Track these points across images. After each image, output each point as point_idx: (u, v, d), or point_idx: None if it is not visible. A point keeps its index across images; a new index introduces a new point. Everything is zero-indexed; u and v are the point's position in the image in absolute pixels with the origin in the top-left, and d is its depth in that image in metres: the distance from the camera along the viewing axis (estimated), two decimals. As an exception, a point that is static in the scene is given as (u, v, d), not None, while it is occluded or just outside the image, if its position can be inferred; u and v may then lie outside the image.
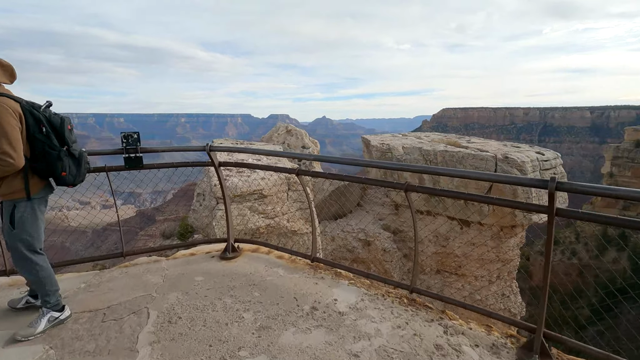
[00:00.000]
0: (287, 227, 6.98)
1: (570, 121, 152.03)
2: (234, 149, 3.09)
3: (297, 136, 17.76)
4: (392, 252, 11.95)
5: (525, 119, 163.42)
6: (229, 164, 3.32)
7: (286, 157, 2.80)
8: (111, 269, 3.26)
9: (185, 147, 2.96)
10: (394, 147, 11.99)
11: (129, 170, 2.93)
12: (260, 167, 2.95)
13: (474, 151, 10.62)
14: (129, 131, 2.89)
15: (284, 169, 2.97)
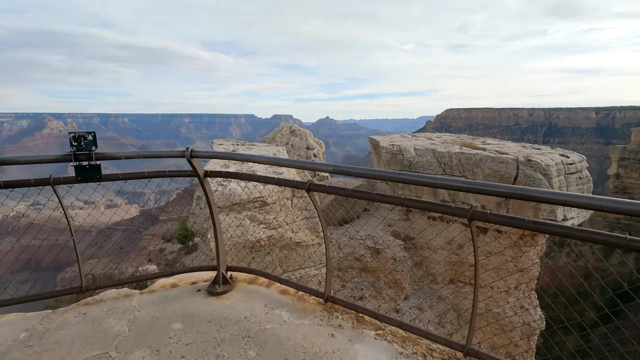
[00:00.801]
0: (291, 238, 6.25)
1: (576, 122, 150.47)
2: (222, 154, 2.35)
3: (302, 137, 17.02)
4: (403, 261, 11.18)
5: (530, 119, 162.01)
6: (217, 174, 2.62)
7: (291, 166, 2.12)
8: (67, 308, 2.52)
9: (162, 153, 2.25)
10: (405, 148, 11.22)
11: (83, 182, 2.23)
12: (258, 179, 2.22)
13: (492, 153, 9.83)
14: (83, 131, 2.20)
15: (291, 182, 2.23)
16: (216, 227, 2.55)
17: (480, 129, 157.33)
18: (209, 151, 2.25)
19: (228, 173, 2.36)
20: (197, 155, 2.41)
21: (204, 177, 2.55)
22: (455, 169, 10.32)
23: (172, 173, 2.46)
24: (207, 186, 2.60)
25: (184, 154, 2.37)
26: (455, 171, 10.33)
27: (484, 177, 9.80)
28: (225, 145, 10.55)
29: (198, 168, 2.34)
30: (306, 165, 1.86)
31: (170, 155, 2.30)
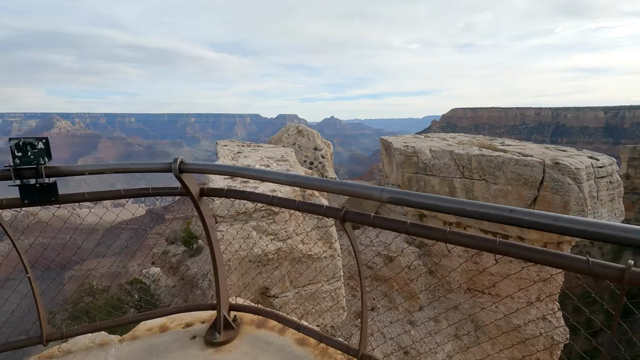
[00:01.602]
0: (302, 250, 5.65)
1: (584, 121, 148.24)
2: (221, 168, 1.72)
3: (309, 137, 16.41)
4: (418, 269, 10.53)
5: (537, 119, 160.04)
6: (216, 193, 1.90)
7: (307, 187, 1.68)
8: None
9: (141, 166, 1.67)
10: (420, 150, 10.57)
11: (30, 206, 1.65)
12: (271, 200, 1.65)
13: (516, 156, 9.16)
14: (30, 136, 1.63)
15: (318, 208, 1.63)
16: (216, 259, 1.96)
17: (487, 128, 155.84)
18: (203, 164, 1.68)
19: (232, 192, 1.78)
20: (188, 169, 1.75)
21: (199, 197, 1.91)
22: (474, 172, 9.67)
23: (156, 191, 1.88)
24: (204, 208, 1.93)
25: (171, 167, 1.73)
26: (475, 174, 9.67)
27: (506, 181, 9.14)
28: (230, 147, 9.99)
29: (190, 185, 1.76)
30: (322, 185, 1.36)
31: (152, 170, 1.71)
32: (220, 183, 6.00)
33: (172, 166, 1.67)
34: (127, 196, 1.77)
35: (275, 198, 1.67)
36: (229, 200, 5.32)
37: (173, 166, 1.67)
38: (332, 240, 6.03)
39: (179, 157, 1.70)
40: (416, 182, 10.76)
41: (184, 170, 1.69)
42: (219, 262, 2.06)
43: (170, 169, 1.67)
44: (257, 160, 7.89)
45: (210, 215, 1.99)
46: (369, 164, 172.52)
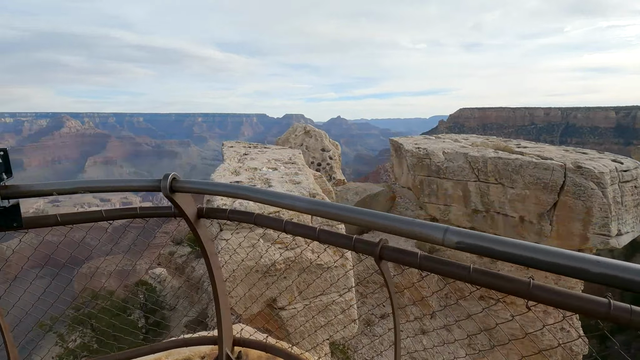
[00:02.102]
0: (311, 260, 5.34)
1: (594, 121, 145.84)
2: (213, 188, 1.37)
3: (317, 137, 16.09)
4: (431, 276, 10.15)
5: (546, 119, 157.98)
6: (217, 214, 1.63)
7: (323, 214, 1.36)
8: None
9: (126, 184, 1.35)
10: (433, 152, 10.18)
11: None
12: (285, 226, 1.34)
13: (535, 159, 8.74)
14: None
15: (345, 240, 1.34)
16: (217, 287, 1.65)
17: (495, 128, 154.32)
18: (200, 183, 1.36)
19: (236, 214, 1.46)
20: (182, 188, 1.42)
21: (197, 219, 1.57)
22: (490, 175, 9.26)
23: (145, 212, 1.56)
24: (202, 231, 1.60)
25: (159, 186, 1.40)
26: (491, 177, 9.27)
27: (524, 185, 8.73)
28: (237, 148, 9.71)
29: (185, 205, 1.46)
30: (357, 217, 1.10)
31: (136, 188, 1.40)
32: (226, 187, 5.72)
33: (162, 184, 1.34)
34: (108, 218, 1.47)
35: (290, 224, 1.36)
36: (236, 204, 5.01)
37: (163, 185, 1.34)
38: (343, 250, 5.70)
39: (169, 173, 1.38)
40: (428, 185, 10.38)
41: (176, 190, 1.37)
42: (221, 292, 1.76)
43: (159, 188, 1.35)
44: (264, 163, 7.61)
45: (209, 240, 1.68)
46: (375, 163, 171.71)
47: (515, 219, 9.23)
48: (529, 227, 9.11)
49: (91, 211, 1.52)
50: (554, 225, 8.70)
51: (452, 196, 10.04)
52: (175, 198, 1.40)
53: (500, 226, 9.57)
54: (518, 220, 9.22)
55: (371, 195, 11.59)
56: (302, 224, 1.50)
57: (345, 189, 12.04)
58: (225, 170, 6.85)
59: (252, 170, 6.93)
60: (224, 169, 6.93)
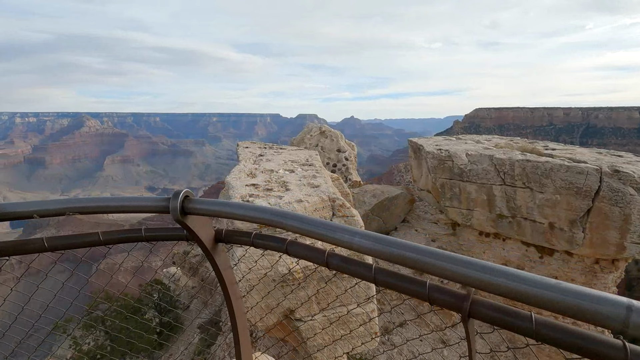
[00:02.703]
0: (330, 268, 5.04)
1: (617, 122, 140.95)
2: (233, 211, 1.08)
3: (332, 138, 15.79)
4: (452, 283, 9.71)
5: (566, 119, 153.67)
6: (237, 239, 1.30)
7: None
8: None
9: (125, 203, 1.07)
10: (456, 154, 9.73)
11: None
12: (328, 262, 1.10)
13: (567, 162, 8.21)
14: None
15: (415, 287, 1.08)
16: (237, 321, 1.37)
17: (512, 129, 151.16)
18: (218, 203, 1.07)
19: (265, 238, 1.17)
20: (197, 210, 1.13)
21: (214, 244, 1.28)
22: (517, 179, 8.77)
23: (152, 235, 1.27)
24: (220, 258, 1.30)
25: (168, 207, 1.11)
26: (518, 181, 8.78)
27: (555, 189, 8.21)
28: (252, 149, 9.49)
29: (200, 229, 1.16)
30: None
31: (136, 209, 1.11)
32: (241, 190, 5.47)
33: (171, 205, 1.04)
34: (107, 242, 1.20)
35: (336, 258, 1.06)
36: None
37: (172, 205, 1.04)
38: (364, 256, 5.38)
39: (181, 190, 1.09)
40: (450, 189, 9.94)
41: (190, 212, 1.08)
42: (241, 326, 1.47)
43: (168, 209, 1.07)
44: (281, 165, 7.35)
45: (229, 267, 1.39)
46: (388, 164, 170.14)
47: (544, 225, 8.71)
48: (559, 234, 8.58)
49: (85, 234, 1.26)
50: (587, 232, 8.15)
51: (475, 200, 9.57)
52: (188, 222, 1.11)
53: (528, 233, 9.06)
54: (547, 227, 8.70)
55: (389, 198, 11.21)
56: (355, 259, 1.21)
57: (362, 191, 11.70)
58: (241, 172, 6.61)
59: (268, 172, 6.67)
60: (239, 171, 6.70)
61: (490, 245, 10.13)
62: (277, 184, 5.81)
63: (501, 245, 9.94)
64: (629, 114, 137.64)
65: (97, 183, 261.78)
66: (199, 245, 1.24)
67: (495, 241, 10.01)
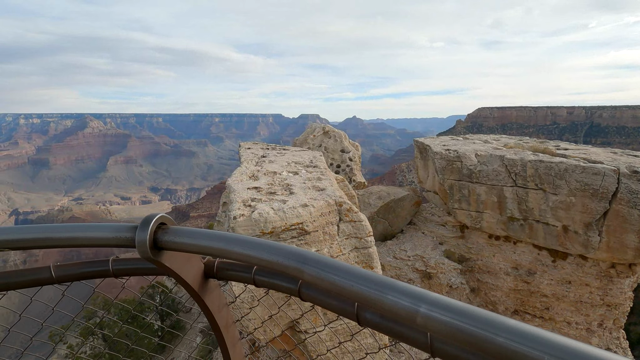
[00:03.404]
0: (338, 277, 4.75)
1: (621, 121, 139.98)
2: (227, 248, 0.83)
3: (336, 138, 15.49)
4: (461, 289, 9.39)
5: (569, 118, 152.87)
6: (236, 275, 0.95)
7: None
8: None
9: (73, 234, 0.81)
10: (465, 154, 9.41)
11: None
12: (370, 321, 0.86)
13: (582, 162, 7.87)
14: None
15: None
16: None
17: (515, 128, 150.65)
18: (209, 235, 0.79)
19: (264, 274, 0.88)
20: (175, 245, 0.80)
21: (203, 282, 0.98)
22: (529, 180, 8.44)
23: (121, 269, 0.96)
24: (212, 298, 1.01)
25: (134, 239, 0.80)
26: (530, 183, 8.45)
27: (569, 191, 7.88)
28: (254, 150, 9.21)
29: (182, 265, 0.87)
30: None
31: (85, 243, 0.81)
32: (243, 194, 5.19)
33: (138, 239, 0.74)
34: (61, 279, 0.91)
35: (368, 312, 0.77)
36: (255, 216, 4.43)
37: (140, 239, 0.75)
38: (372, 264, 5.09)
39: (154, 215, 0.77)
40: (459, 190, 9.62)
41: (166, 247, 0.78)
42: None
43: (133, 243, 0.76)
44: (284, 166, 7.05)
45: (224, 306, 1.06)
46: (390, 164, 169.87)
47: (558, 228, 8.38)
48: (573, 237, 8.25)
49: (32, 269, 0.96)
50: (603, 236, 7.82)
51: (485, 202, 9.25)
52: (164, 259, 0.81)
53: (540, 236, 8.73)
54: (561, 230, 8.37)
55: (395, 200, 10.90)
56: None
57: (367, 192, 11.39)
58: (243, 174, 6.33)
59: (271, 174, 6.38)
60: (241, 173, 6.42)
61: (500, 249, 9.80)
62: (280, 187, 5.52)
63: (512, 249, 9.61)
64: (633, 113, 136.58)
65: (101, 183, 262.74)
66: (180, 284, 0.94)
67: (506, 244, 9.69)
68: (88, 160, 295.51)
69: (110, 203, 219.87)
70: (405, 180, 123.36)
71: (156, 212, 0.81)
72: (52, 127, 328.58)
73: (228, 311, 1.03)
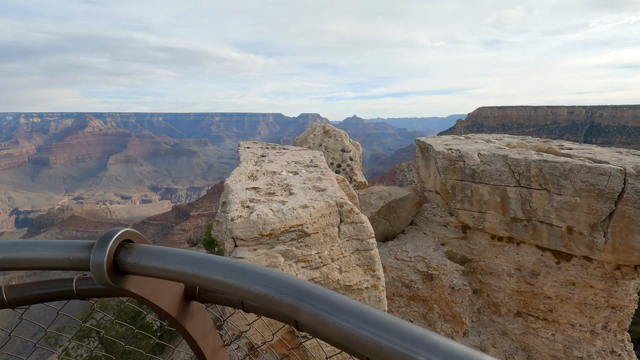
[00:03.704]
0: (338, 280, 4.60)
1: (622, 120, 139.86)
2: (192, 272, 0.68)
3: (336, 137, 15.34)
4: (463, 290, 9.24)
5: (570, 118, 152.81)
6: (221, 298, 0.81)
7: None
8: None
9: (17, 256, 0.70)
10: (467, 154, 9.27)
11: None
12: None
13: (587, 162, 7.73)
14: None
15: None
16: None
17: (515, 128, 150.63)
18: (178, 255, 0.66)
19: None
20: (140, 269, 0.63)
21: (183, 303, 0.81)
22: (533, 180, 8.30)
23: (85, 288, 0.83)
24: (195, 324, 0.85)
25: (88, 262, 0.63)
26: (534, 183, 8.30)
27: (574, 191, 7.74)
28: (254, 149, 9.08)
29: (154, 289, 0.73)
30: None
31: (42, 266, 0.69)
32: (241, 195, 5.05)
33: (93, 261, 0.57)
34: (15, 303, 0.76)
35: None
36: (253, 217, 4.27)
37: (95, 262, 0.58)
38: (374, 266, 4.95)
39: (116, 230, 0.64)
40: (461, 190, 9.47)
41: (130, 271, 0.64)
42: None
43: (87, 266, 0.61)
44: (284, 166, 6.92)
45: (210, 329, 0.91)
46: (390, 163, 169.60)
47: (562, 229, 8.24)
48: (578, 238, 8.11)
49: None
50: (608, 237, 7.68)
51: (488, 202, 9.11)
52: (128, 285, 0.66)
53: (544, 237, 8.59)
54: (565, 231, 8.23)
55: (397, 200, 10.76)
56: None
57: (368, 192, 11.25)
58: (242, 174, 6.19)
59: (270, 174, 6.25)
60: (240, 173, 6.28)
61: (503, 250, 9.66)
62: (280, 187, 5.39)
63: (515, 250, 9.47)
64: (633, 112, 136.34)
65: (101, 183, 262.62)
66: (155, 312, 0.79)
67: (509, 245, 9.55)
68: (88, 159, 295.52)
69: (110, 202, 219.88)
70: (405, 179, 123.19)
71: (119, 228, 0.66)
72: (53, 126, 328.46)
73: (215, 335, 0.89)
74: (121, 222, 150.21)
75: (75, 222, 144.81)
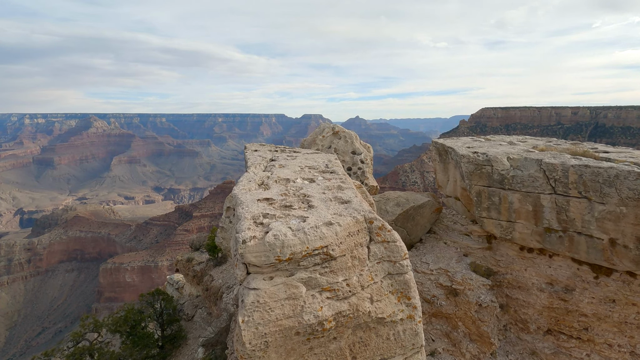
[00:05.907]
0: (370, 312, 3.84)
1: (626, 121, 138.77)
2: None
3: (346, 139, 14.58)
4: (491, 307, 8.44)
5: (574, 118, 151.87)
6: None
7: None
8: None
9: None
10: (495, 158, 8.47)
11: None
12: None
13: (637, 168, 6.92)
14: None
15: None
16: None
17: (519, 128, 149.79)
18: None
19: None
20: None
21: None
22: (571, 187, 7.50)
23: None
24: None
25: None
26: (572, 190, 7.50)
27: (620, 200, 6.94)
28: (262, 152, 8.33)
29: None
30: None
31: None
32: (252, 207, 4.30)
33: None
34: None
35: None
36: (269, 238, 3.49)
37: None
38: (409, 293, 4.18)
39: None
40: (488, 197, 8.68)
41: None
42: None
43: None
44: (297, 172, 6.16)
45: None
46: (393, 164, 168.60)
47: (604, 242, 7.43)
48: (622, 252, 7.30)
49: None
50: (658, 251, 6.86)
51: (518, 211, 8.32)
52: None
53: (582, 249, 7.78)
54: (607, 244, 7.42)
55: (415, 207, 9.98)
56: None
57: (384, 198, 10.47)
58: (251, 182, 5.44)
59: (284, 181, 5.49)
60: (249, 180, 5.53)
61: (533, 262, 8.86)
62: (296, 199, 4.64)
63: (547, 263, 8.67)
64: (638, 113, 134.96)
65: (105, 183, 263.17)
66: None
67: (540, 257, 8.74)
68: (92, 160, 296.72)
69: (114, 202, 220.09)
70: (408, 180, 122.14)
71: None
72: (57, 127, 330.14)
73: None
74: (124, 222, 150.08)
75: (79, 222, 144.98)
